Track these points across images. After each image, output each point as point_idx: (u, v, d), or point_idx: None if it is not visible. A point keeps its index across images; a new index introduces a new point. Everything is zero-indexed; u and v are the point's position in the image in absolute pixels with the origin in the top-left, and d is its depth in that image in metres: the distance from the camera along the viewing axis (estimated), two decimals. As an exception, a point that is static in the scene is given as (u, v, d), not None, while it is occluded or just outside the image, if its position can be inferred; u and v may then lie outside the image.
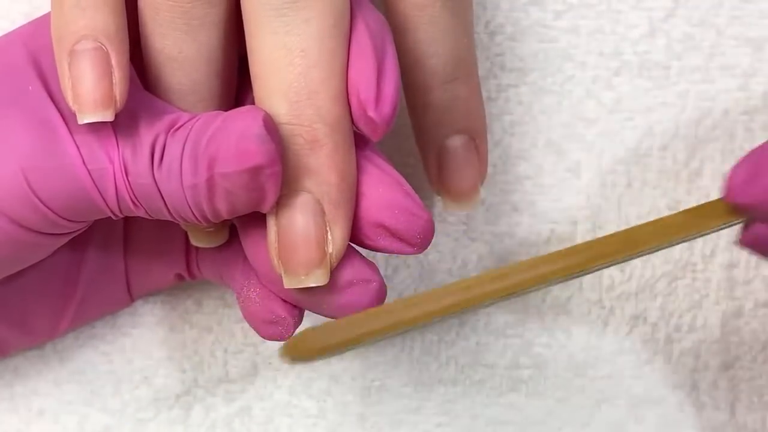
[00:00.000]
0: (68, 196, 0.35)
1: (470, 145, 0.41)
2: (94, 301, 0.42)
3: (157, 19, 0.36)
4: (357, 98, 0.36)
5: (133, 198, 0.36)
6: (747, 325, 0.45)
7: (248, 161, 0.34)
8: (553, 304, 0.45)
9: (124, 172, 0.35)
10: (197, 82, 0.37)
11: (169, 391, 0.44)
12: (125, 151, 0.35)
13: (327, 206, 0.36)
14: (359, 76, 0.36)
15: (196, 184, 0.35)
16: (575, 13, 0.45)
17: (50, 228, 0.36)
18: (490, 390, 0.45)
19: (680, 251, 0.45)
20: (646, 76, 0.45)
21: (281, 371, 0.45)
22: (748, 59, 0.45)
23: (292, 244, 0.36)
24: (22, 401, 0.44)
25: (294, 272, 0.36)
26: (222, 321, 0.45)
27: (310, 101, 0.35)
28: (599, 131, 0.45)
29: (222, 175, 0.34)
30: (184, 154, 0.35)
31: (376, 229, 0.36)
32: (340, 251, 0.36)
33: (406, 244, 0.37)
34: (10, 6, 0.44)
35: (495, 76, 0.45)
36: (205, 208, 0.35)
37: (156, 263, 0.42)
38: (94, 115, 0.35)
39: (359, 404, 0.45)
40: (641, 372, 0.45)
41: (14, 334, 0.41)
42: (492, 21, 0.45)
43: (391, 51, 0.36)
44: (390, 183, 0.37)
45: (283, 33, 0.35)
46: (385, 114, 0.36)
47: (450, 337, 0.45)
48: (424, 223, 0.36)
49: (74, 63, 0.35)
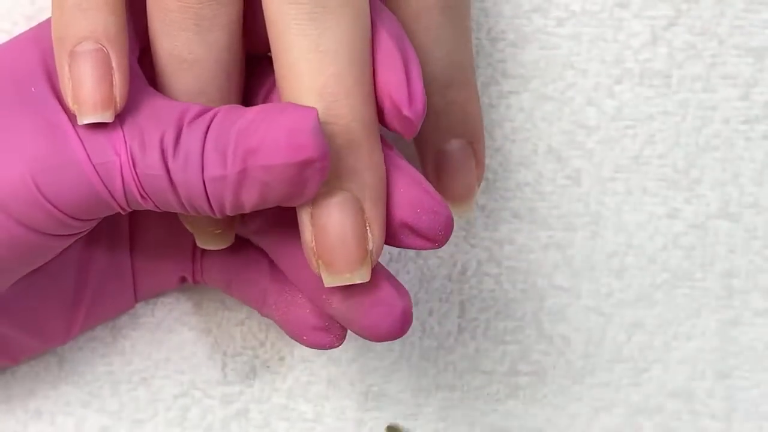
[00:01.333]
0: (75, 193, 0.35)
1: (467, 150, 0.41)
2: (103, 303, 0.42)
3: (167, 21, 0.36)
4: (390, 99, 0.36)
5: (141, 190, 0.35)
6: (744, 335, 0.45)
7: (300, 154, 0.34)
8: (551, 311, 0.45)
9: (131, 164, 0.35)
10: (207, 82, 0.37)
11: (167, 392, 0.44)
12: (132, 143, 0.35)
13: (366, 204, 0.36)
14: (389, 78, 0.36)
15: (223, 176, 0.34)
16: (577, 21, 0.45)
17: (58, 228, 0.36)
18: (488, 396, 0.45)
19: (679, 260, 0.45)
20: (647, 85, 0.45)
21: (279, 375, 0.44)
22: (749, 69, 0.45)
23: (332, 243, 0.36)
24: (19, 402, 0.44)
25: (337, 270, 0.36)
26: (221, 323, 0.45)
27: (346, 101, 0.35)
28: (600, 139, 0.45)
29: (264, 167, 0.34)
30: (207, 145, 0.35)
31: (400, 229, 0.37)
32: (379, 249, 0.36)
33: (428, 241, 0.37)
34: (12, 8, 0.44)
35: (496, 82, 0.45)
36: (226, 201, 0.35)
37: (163, 265, 0.42)
38: (94, 117, 0.35)
39: (356, 409, 0.45)
40: (639, 380, 0.45)
41: (27, 339, 0.41)
42: (494, 28, 0.45)
43: (413, 52, 0.37)
44: (411, 182, 0.37)
45: (316, 35, 0.35)
46: (419, 111, 0.36)
47: (449, 343, 0.45)
48: (445, 219, 0.37)
49: (74, 64, 0.35)
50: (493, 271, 0.45)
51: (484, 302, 0.45)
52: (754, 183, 0.45)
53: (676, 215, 0.45)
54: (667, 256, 0.45)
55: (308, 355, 0.44)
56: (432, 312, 0.45)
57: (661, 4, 0.45)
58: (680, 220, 0.45)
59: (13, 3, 0.44)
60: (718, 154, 0.45)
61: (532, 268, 0.45)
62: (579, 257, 0.45)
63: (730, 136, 0.45)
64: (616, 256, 0.45)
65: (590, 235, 0.45)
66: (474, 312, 0.45)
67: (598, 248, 0.45)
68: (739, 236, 0.45)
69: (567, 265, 0.45)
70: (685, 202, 0.45)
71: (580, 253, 0.45)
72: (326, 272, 0.36)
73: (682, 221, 0.45)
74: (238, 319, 0.44)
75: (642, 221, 0.45)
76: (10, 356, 0.42)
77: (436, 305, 0.45)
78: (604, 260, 0.45)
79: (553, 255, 0.45)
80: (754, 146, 0.45)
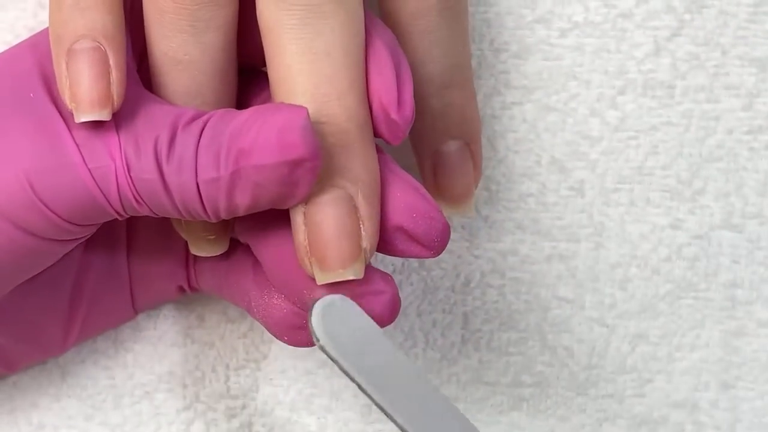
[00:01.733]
0: (71, 197, 0.35)
1: (465, 151, 0.42)
2: (100, 311, 0.42)
3: (163, 22, 0.36)
4: (379, 102, 0.36)
5: (135, 195, 0.35)
6: (748, 345, 0.45)
7: (291, 153, 0.34)
8: (554, 322, 0.45)
9: (126, 168, 0.35)
10: (202, 84, 0.37)
11: (170, 406, 0.44)
12: (127, 147, 0.35)
13: (359, 202, 0.36)
14: (379, 81, 0.36)
15: (216, 178, 0.35)
16: (580, 32, 0.45)
17: (55, 233, 0.36)
18: (491, 408, 0.45)
19: (682, 271, 0.45)
20: (650, 95, 0.45)
21: (282, 387, 0.44)
22: (752, 79, 0.45)
23: (326, 239, 0.36)
24: (22, 415, 0.44)
25: (330, 267, 0.36)
26: (224, 336, 0.44)
27: (339, 102, 0.36)
28: (603, 150, 0.45)
29: (256, 167, 0.34)
30: (200, 148, 0.35)
31: (395, 233, 0.37)
32: (373, 246, 0.36)
33: (424, 248, 0.37)
34: (15, 21, 0.44)
35: (499, 93, 0.45)
36: (220, 203, 0.35)
37: (158, 274, 0.42)
38: (92, 114, 0.35)
39: (359, 421, 0.45)
40: (643, 391, 0.45)
41: (24, 347, 0.41)
42: (497, 38, 0.45)
43: (405, 59, 0.37)
44: (407, 187, 0.37)
45: (309, 39, 0.35)
46: (407, 116, 0.37)
47: (452, 354, 0.45)
48: (441, 226, 0.37)
49: (72, 62, 0.35)
50: (496, 282, 0.45)
51: (487, 313, 0.45)
52: (758, 193, 0.45)
53: (679, 226, 0.45)
54: (671, 266, 0.45)
55: (311, 367, 0.44)
56: (435, 323, 0.45)
57: (664, 15, 0.45)
58: (684, 231, 0.45)
59: (16, 16, 0.44)
60: (722, 165, 0.45)
61: (535, 280, 0.45)
62: (582, 268, 0.45)
63: (733, 147, 0.45)
64: (619, 267, 0.45)
65: (594, 246, 0.45)
66: (477, 323, 0.45)
67: (601, 259, 0.45)
68: (743, 247, 0.45)
69: (570, 276, 0.45)
70: (688, 213, 0.45)
71: (584, 264, 0.45)
72: (319, 269, 0.36)
73: (685, 232, 0.45)
74: (241, 331, 0.44)
75: (645, 232, 0.45)
76: (6, 365, 0.42)
77: (439, 316, 0.45)
78: (608, 271, 0.45)
79: (557, 266, 0.45)
80: (758, 156, 0.45)
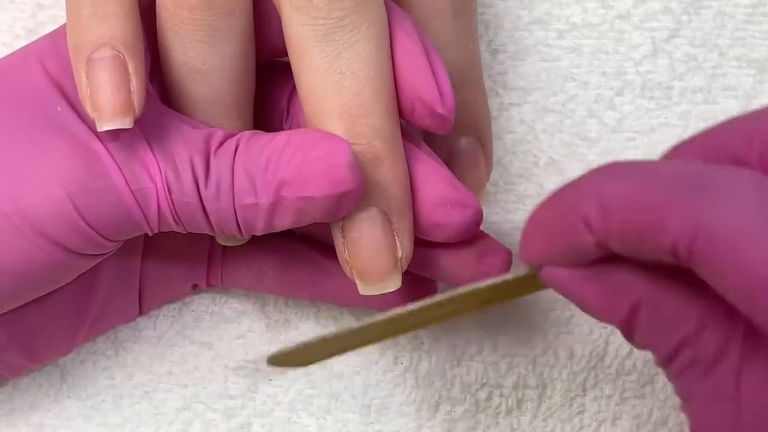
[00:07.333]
0: (113, 217, 0.36)
1: (477, 146, 0.42)
2: (108, 314, 0.42)
3: (180, 32, 0.37)
4: (421, 101, 0.37)
5: (174, 216, 0.36)
6: (750, 347, 0.45)
7: (340, 187, 0.35)
8: (556, 323, 0.45)
9: (167, 191, 0.36)
10: (221, 92, 0.38)
11: (169, 406, 0.44)
12: (167, 170, 0.36)
13: (393, 217, 0.37)
14: (416, 79, 0.37)
15: (255, 204, 0.36)
16: (578, 33, 0.45)
17: (90, 248, 0.37)
18: (494, 410, 0.45)
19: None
20: (648, 97, 0.45)
21: (281, 388, 0.44)
22: (750, 80, 0.45)
23: (365, 256, 0.37)
24: (21, 416, 0.44)
25: (370, 281, 0.37)
26: (222, 337, 0.45)
27: (366, 120, 0.37)
28: (601, 151, 0.45)
29: (302, 198, 0.35)
30: (236, 175, 0.36)
31: (432, 230, 0.38)
32: (409, 256, 0.38)
33: (460, 234, 0.38)
34: (13, 22, 0.44)
35: (497, 94, 0.45)
36: (257, 225, 0.36)
37: (174, 273, 0.43)
38: (114, 123, 0.35)
39: (359, 422, 0.44)
40: (643, 392, 0.45)
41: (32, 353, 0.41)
42: (494, 40, 0.45)
43: (434, 49, 0.38)
44: (438, 180, 0.38)
45: (333, 57, 0.36)
46: (451, 107, 0.38)
47: (456, 355, 0.45)
48: (474, 212, 0.38)
49: (92, 71, 0.35)
50: (495, 283, 0.45)
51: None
52: (757, 194, 0.45)
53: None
54: (671, 268, 0.45)
55: (310, 368, 0.44)
56: (435, 325, 0.45)
57: (662, 16, 0.45)
58: (683, 232, 0.45)
59: (14, 16, 0.44)
60: (721, 166, 0.45)
61: (534, 281, 0.45)
62: (582, 270, 0.45)
63: (732, 148, 0.45)
64: (619, 268, 0.45)
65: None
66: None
67: (601, 260, 0.45)
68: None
69: (570, 277, 0.45)
70: (687, 214, 0.45)
71: (583, 266, 0.45)
72: (360, 281, 0.38)
73: (684, 233, 0.45)
74: (240, 332, 0.44)
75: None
76: (11, 371, 0.42)
77: (439, 318, 0.45)
78: (607, 272, 0.45)
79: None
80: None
